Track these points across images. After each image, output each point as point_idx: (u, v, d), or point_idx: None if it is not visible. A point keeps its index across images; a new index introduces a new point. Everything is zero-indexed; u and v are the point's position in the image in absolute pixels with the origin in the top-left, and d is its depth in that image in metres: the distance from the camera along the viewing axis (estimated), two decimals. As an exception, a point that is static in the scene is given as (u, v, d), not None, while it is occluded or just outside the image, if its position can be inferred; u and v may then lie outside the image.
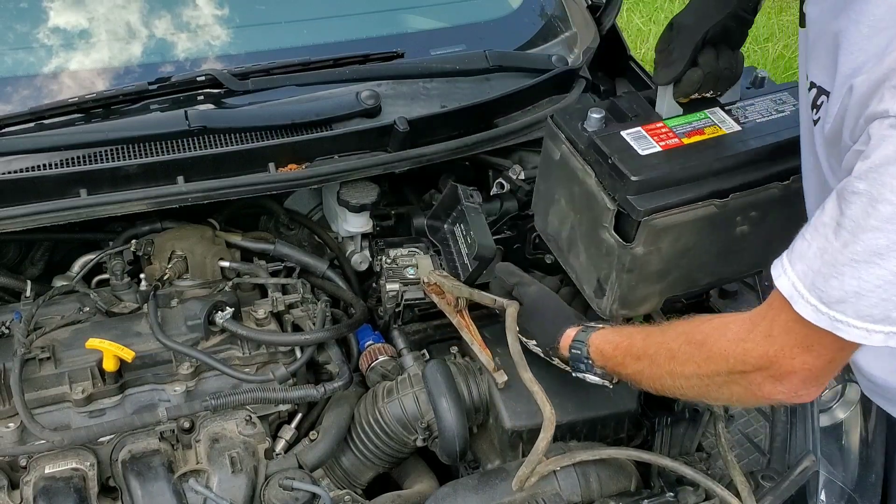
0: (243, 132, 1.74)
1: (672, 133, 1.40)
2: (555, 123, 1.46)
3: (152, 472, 1.53)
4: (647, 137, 1.38)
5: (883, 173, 0.97)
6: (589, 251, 1.43)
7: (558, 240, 1.53)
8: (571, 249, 1.48)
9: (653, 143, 1.37)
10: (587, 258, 1.44)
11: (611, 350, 1.36)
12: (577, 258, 1.48)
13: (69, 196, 1.62)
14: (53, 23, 1.91)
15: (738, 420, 1.70)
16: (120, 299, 1.77)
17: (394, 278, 1.80)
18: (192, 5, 2.01)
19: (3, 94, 1.79)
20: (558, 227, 1.51)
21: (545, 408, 1.45)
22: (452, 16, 2.20)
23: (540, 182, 1.55)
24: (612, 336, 1.37)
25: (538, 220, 1.61)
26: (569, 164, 1.41)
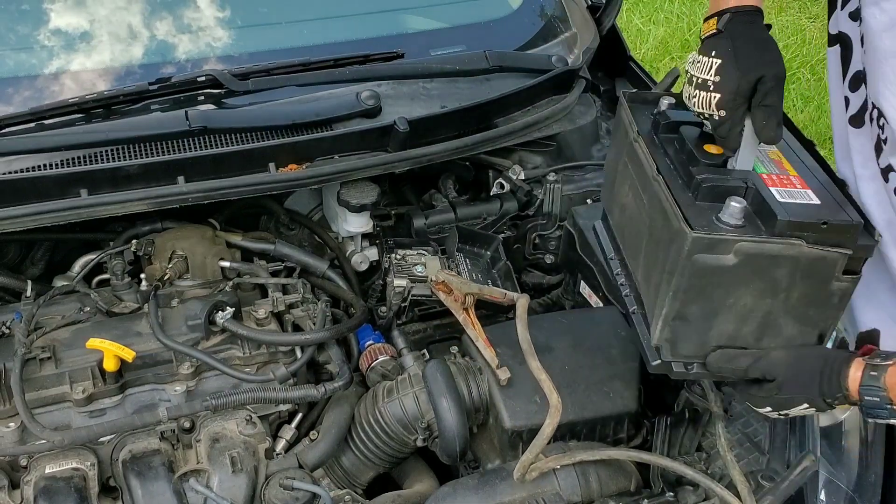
0: (243, 132, 1.74)
1: (781, 177, 1.33)
2: (708, 233, 1.24)
3: (153, 472, 1.53)
4: (787, 189, 1.31)
5: None
6: (804, 317, 1.33)
7: (736, 341, 1.35)
8: (765, 335, 1.35)
9: (800, 191, 1.30)
10: (800, 325, 1.34)
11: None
12: (776, 338, 1.35)
13: (69, 196, 1.62)
14: (54, 23, 1.91)
15: (738, 420, 1.70)
16: (120, 299, 1.77)
17: (402, 274, 1.81)
18: (193, 6, 2.02)
19: (4, 94, 1.79)
20: (735, 329, 1.34)
21: (552, 396, 1.46)
22: (452, 16, 2.20)
23: (687, 308, 1.31)
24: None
25: (688, 345, 1.35)
26: (762, 255, 1.25)
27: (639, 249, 1.41)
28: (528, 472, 1.47)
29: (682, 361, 1.36)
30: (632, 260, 1.47)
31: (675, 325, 1.32)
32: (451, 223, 2.04)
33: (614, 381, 1.66)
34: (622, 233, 1.52)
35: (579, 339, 1.73)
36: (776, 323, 1.31)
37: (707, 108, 1.30)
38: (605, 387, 1.65)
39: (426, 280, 1.82)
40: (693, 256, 1.23)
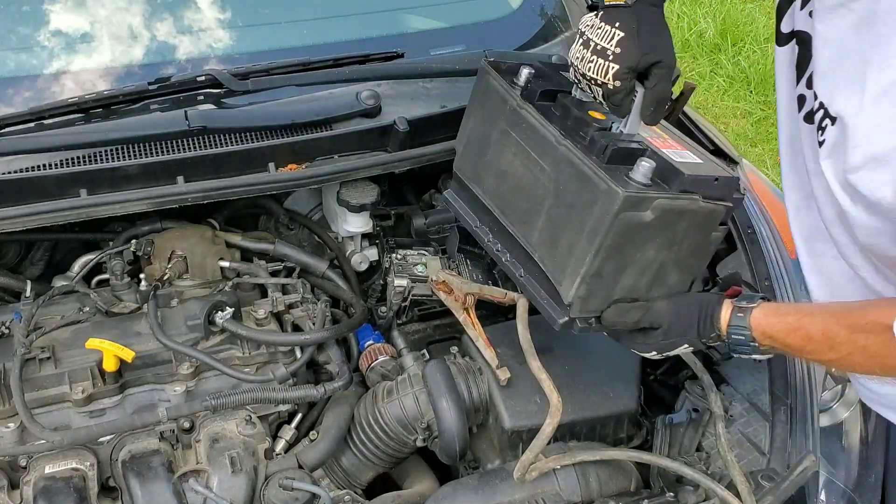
0: (243, 132, 1.74)
1: (662, 141, 1.45)
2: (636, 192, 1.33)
3: (152, 472, 1.53)
4: (675, 151, 1.43)
5: None
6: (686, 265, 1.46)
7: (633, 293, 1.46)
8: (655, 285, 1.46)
9: (681, 152, 1.42)
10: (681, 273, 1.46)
11: (783, 337, 1.31)
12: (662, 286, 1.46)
13: (69, 196, 1.62)
14: (54, 23, 1.91)
15: (738, 420, 1.70)
16: (120, 299, 1.77)
17: (402, 274, 1.81)
18: (193, 6, 2.01)
19: (4, 94, 1.79)
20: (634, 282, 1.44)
21: (552, 395, 1.46)
22: (452, 16, 2.20)
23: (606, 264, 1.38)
24: (776, 321, 1.32)
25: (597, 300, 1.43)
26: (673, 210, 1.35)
27: (535, 214, 1.45)
28: (528, 472, 1.47)
29: (585, 317, 1.44)
30: (521, 226, 1.49)
31: (591, 281, 1.38)
32: (450, 223, 2.04)
33: (614, 381, 1.66)
34: (504, 200, 1.54)
35: (579, 340, 1.73)
36: (666, 273, 1.43)
37: (601, 76, 1.35)
38: (604, 387, 1.65)
39: (427, 280, 1.81)
40: (621, 215, 1.30)
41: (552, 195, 1.42)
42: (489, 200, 1.57)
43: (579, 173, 1.35)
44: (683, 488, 1.54)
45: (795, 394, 1.70)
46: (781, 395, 1.71)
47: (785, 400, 1.70)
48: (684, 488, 1.53)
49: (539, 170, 1.44)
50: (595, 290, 1.40)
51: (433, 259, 1.86)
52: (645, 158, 1.33)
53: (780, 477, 1.55)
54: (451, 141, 1.85)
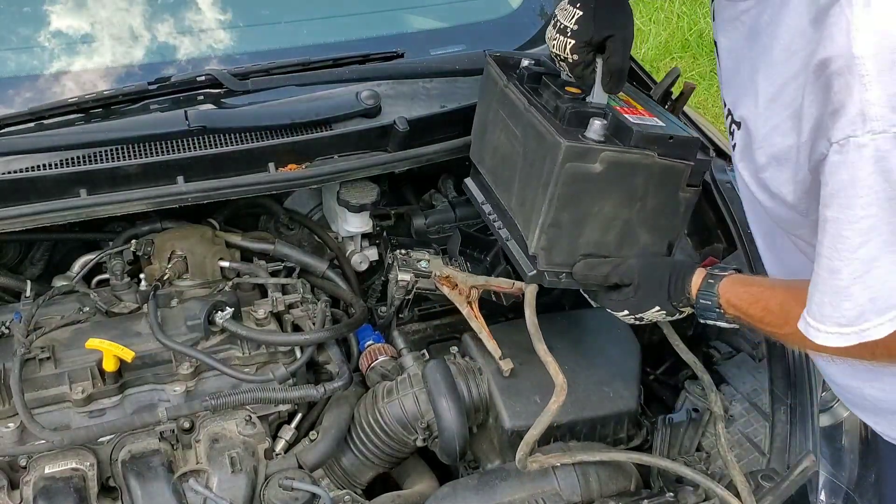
0: (243, 132, 1.74)
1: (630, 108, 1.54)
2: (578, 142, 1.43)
3: (152, 472, 1.53)
4: (637, 115, 1.51)
5: (845, 195, 1.04)
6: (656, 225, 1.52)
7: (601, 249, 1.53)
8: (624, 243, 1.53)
9: (645, 118, 1.51)
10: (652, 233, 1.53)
11: (745, 307, 1.35)
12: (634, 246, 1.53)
13: (69, 196, 1.62)
14: (54, 24, 1.91)
15: (737, 420, 1.70)
16: (120, 299, 1.77)
17: (406, 268, 1.80)
18: (193, 5, 2.01)
19: (4, 94, 1.79)
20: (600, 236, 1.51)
21: (557, 377, 1.46)
22: (452, 16, 2.20)
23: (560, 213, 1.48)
24: (741, 291, 1.36)
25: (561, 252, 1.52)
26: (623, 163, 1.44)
27: (513, 179, 1.58)
28: (530, 463, 1.47)
29: (555, 271, 1.52)
30: (505, 193, 1.63)
31: (550, 231, 1.48)
32: (451, 223, 2.04)
33: (614, 381, 1.66)
34: (495, 173, 1.68)
35: (579, 339, 1.73)
36: (634, 231, 1.49)
37: (562, 52, 1.49)
38: (605, 387, 1.64)
39: (430, 275, 1.81)
40: (566, 165, 1.41)
41: (521, 158, 1.54)
42: (488, 176, 1.71)
43: (538, 133, 1.48)
44: (683, 488, 1.53)
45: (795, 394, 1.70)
46: (781, 395, 1.70)
47: (785, 400, 1.70)
48: (684, 488, 1.53)
49: (514, 138, 1.57)
50: (556, 241, 1.49)
51: (435, 258, 1.86)
52: (598, 118, 1.44)
53: (780, 477, 1.55)
54: (451, 141, 1.86)
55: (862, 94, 0.99)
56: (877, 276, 1.07)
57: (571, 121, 1.46)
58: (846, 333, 1.12)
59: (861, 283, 1.09)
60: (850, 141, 1.02)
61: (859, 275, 1.08)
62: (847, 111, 1.01)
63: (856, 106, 1.00)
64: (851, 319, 1.12)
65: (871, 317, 1.10)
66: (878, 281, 1.08)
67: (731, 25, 1.30)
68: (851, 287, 1.10)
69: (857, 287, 1.09)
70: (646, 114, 1.53)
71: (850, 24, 1.00)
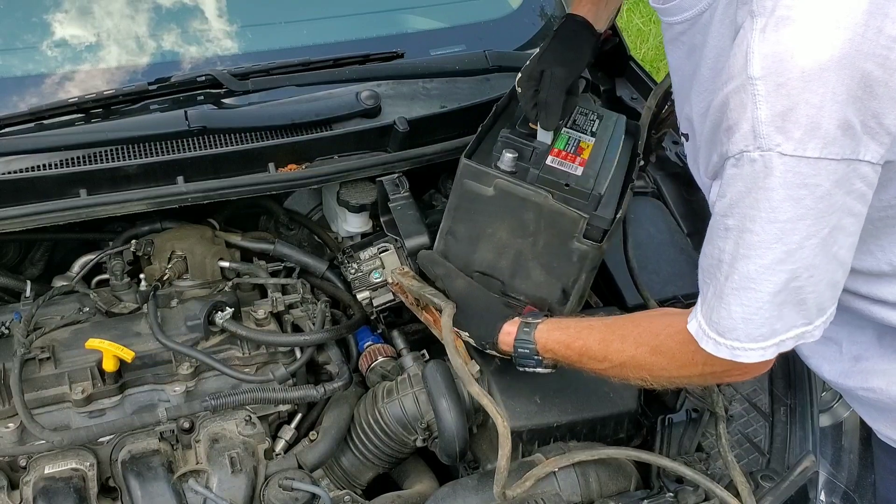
0: (243, 132, 1.74)
1: (569, 154, 1.57)
2: (476, 164, 1.54)
3: (152, 473, 1.53)
4: (565, 162, 1.55)
5: (741, 207, 1.09)
6: (549, 266, 1.55)
7: (495, 272, 1.58)
8: (518, 274, 1.57)
9: (572, 165, 1.54)
10: (546, 273, 1.55)
11: (563, 350, 1.40)
12: (527, 279, 1.57)
13: (69, 196, 1.62)
14: (54, 24, 1.91)
15: (737, 420, 1.70)
16: (120, 299, 1.77)
17: (361, 287, 1.76)
18: (193, 6, 2.01)
19: (4, 94, 1.79)
20: (494, 259, 1.57)
21: (497, 420, 1.41)
22: (452, 16, 2.20)
23: (457, 225, 1.57)
24: (559, 335, 1.41)
25: (457, 261, 1.59)
26: (513, 196, 1.51)
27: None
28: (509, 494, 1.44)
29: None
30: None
31: (448, 239, 1.58)
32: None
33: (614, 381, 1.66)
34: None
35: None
36: (526, 264, 1.54)
37: (516, 82, 1.60)
38: (605, 387, 1.64)
39: (386, 285, 1.75)
40: (463, 180, 1.52)
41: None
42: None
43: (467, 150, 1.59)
44: (683, 488, 1.53)
45: (795, 394, 1.71)
46: (781, 395, 1.71)
47: (785, 400, 1.70)
48: (684, 488, 1.53)
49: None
50: (453, 249, 1.58)
51: (391, 255, 1.79)
52: (511, 150, 1.52)
53: (780, 477, 1.55)
54: (451, 141, 1.86)
55: (753, 113, 1.05)
56: (753, 297, 1.12)
57: (498, 148, 1.54)
58: (721, 344, 1.17)
59: (736, 298, 1.13)
60: (743, 156, 1.08)
61: (737, 288, 1.13)
62: (741, 127, 1.07)
63: (748, 123, 1.06)
64: (724, 331, 1.17)
65: (742, 338, 1.15)
66: (752, 302, 1.12)
67: (674, 46, 1.36)
68: (729, 297, 1.14)
69: (734, 299, 1.14)
70: (580, 161, 1.55)
71: (748, 47, 1.07)
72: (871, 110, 1.04)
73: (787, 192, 1.06)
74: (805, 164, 1.04)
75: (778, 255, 1.09)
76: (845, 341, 1.44)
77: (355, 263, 1.78)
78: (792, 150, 1.04)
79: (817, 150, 1.04)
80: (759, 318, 1.13)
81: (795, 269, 1.09)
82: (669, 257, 1.88)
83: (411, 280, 1.65)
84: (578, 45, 1.61)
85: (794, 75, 1.03)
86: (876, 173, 1.09)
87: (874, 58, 1.03)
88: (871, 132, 1.05)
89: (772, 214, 1.07)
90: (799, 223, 1.07)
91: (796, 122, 1.04)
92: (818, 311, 1.14)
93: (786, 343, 1.15)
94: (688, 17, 1.28)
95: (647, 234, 1.94)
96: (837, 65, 1.03)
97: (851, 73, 1.03)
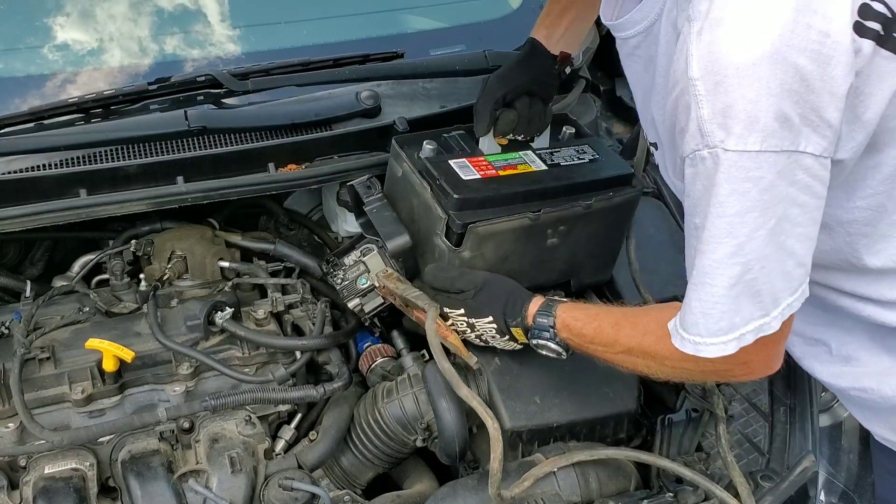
0: (243, 132, 1.74)
1: (490, 166, 1.64)
2: (398, 145, 1.68)
3: (152, 473, 1.53)
4: (469, 167, 1.63)
5: (701, 204, 1.13)
6: (425, 256, 1.64)
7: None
8: (419, 252, 1.66)
9: (474, 172, 1.62)
10: (423, 263, 1.65)
11: (579, 327, 1.42)
12: (424, 261, 1.66)
13: (69, 196, 1.62)
14: (54, 24, 1.91)
15: (737, 420, 1.70)
16: (120, 299, 1.77)
17: (350, 296, 1.73)
18: (193, 6, 2.01)
19: (4, 94, 1.79)
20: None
21: (488, 422, 1.43)
22: (452, 16, 2.20)
23: (387, 194, 1.72)
24: (579, 313, 1.43)
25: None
26: (409, 181, 1.64)
27: None
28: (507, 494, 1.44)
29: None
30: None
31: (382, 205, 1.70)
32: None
33: (614, 381, 1.66)
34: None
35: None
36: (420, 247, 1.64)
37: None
38: (605, 387, 1.64)
39: (374, 289, 1.72)
40: (390, 159, 1.70)
41: None
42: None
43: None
44: (683, 488, 1.54)
45: (795, 394, 1.71)
46: (781, 395, 1.71)
47: (784, 400, 1.70)
48: (684, 488, 1.53)
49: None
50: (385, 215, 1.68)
51: (374, 256, 1.75)
52: (431, 142, 1.66)
53: (779, 477, 1.55)
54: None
55: (697, 112, 1.09)
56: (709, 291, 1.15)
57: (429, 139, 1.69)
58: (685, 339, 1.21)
59: (695, 293, 1.17)
60: (696, 155, 1.11)
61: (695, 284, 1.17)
62: (689, 128, 1.11)
63: (694, 123, 1.10)
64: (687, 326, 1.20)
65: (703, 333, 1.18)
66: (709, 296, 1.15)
67: (631, 60, 1.40)
68: (690, 292, 1.18)
69: (693, 294, 1.17)
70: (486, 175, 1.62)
71: (687, 51, 1.10)
72: (809, 103, 1.07)
73: (732, 186, 1.09)
74: (747, 158, 1.08)
75: (729, 249, 1.12)
76: (833, 342, 1.45)
77: (340, 271, 1.76)
78: (734, 146, 1.07)
79: (758, 144, 1.07)
80: (717, 312, 1.16)
81: (747, 261, 1.12)
82: (669, 257, 1.87)
83: (395, 282, 1.65)
84: (525, 63, 1.70)
85: (729, 72, 1.07)
86: (823, 166, 1.12)
87: (805, 52, 1.06)
88: (812, 125, 1.08)
89: (720, 209, 1.11)
90: (746, 216, 1.10)
91: (735, 118, 1.07)
92: (773, 302, 1.16)
93: (745, 337, 1.17)
94: (640, 29, 1.33)
95: (647, 234, 1.94)
96: (770, 59, 1.06)
97: (784, 68, 1.06)
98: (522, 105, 1.70)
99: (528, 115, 1.70)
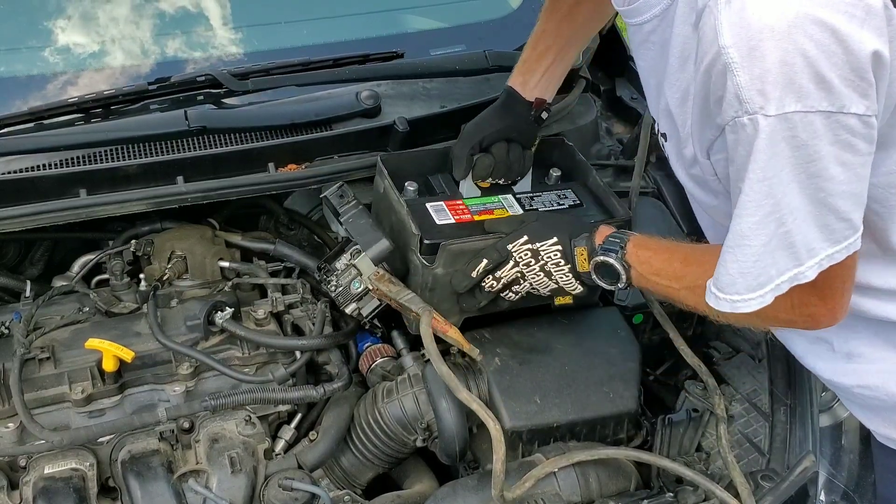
0: (243, 132, 1.74)
1: (467, 210, 1.67)
2: (383, 164, 1.71)
3: (152, 473, 1.53)
4: (445, 211, 1.66)
5: (743, 169, 1.13)
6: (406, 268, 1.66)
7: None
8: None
9: (449, 216, 1.65)
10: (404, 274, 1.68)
11: (648, 256, 1.42)
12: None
13: (69, 196, 1.62)
14: (54, 24, 1.91)
15: (737, 420, 1.70)
16: (119, 299, 1.77)
17: (346, 302, 1.71)
18: (193, 6, 2.02)
19: (4, 94, 1.79)
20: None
21: (489, 424, 1.44)
22: (452, 16, 2.20)
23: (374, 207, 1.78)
24: (651, 242, 1.45)
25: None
26: (388, 197, 1.69)
27: None
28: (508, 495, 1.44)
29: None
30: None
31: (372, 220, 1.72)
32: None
33: (614, 382, 1.66)
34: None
35: (579, 339, 1.73)
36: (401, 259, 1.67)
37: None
38: (604, 387, 1.64)
39: (368, 291, 1.71)
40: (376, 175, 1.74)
41: None
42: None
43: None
44: (683, 488, 1.54)
45: (795, 394, 1.71)
46: (781, 395, 1.71)
47: (785, 400, 1.70)
48: (684, 488, 1.53)
49: None
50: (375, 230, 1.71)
51: (364, 259, 1.71)
52: (411, 183, 1.70)
53: (779, 477, 1.55)
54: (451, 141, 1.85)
55: (733, 80, 1.09)
56: (747, 252, 1.17)
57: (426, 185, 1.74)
58: (721, 299, 1.22)
59: (731, 255, 1.19)
60: (736, 122, 1.11)
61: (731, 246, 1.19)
62: (727, 96, 1.11)
63: (731, 90, 1.10)
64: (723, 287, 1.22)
65: (742, 290, 1.19)
66: (747, 256, 1.17)
67: (643, 48, 1.38)
68: (725, 255, 1.20)
69: (729, 257, 1.19)
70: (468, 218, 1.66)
71: (716, 21, 1.10)
72: (848, 64, 1.06)
73: (772, 150, 1.10)
74: (787, 121, 1.08)
75: (767, 209, 1.13)
76: (835, 339, 1.44)
77: (333, 277, 1.73)
78: (774, 110, 1.07)
79: (796, 105, 1.07)
80: (756, 270, 1.17)
81: (781, 215, 1.13)
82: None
83: (388, 284, 1.64)
84: (501, 110, 1.73)
85: (763, 36, 1.06)
86: (866, 125, 1.11)
87: (840, 12, 1.05)
88: (852, 84, 1.07)
89: (760, 173, 1.11)
90: (781, 173, 1.11)
91: (773, 83, 1.06)
92: (808, 252, 1.16)
93: (781, 287, 1.18)
94: (657, 13, 1.30)
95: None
96: (804, 20, 1.05)
97: (819, 28, 1.05)
98: (499, 150, 1.71)
99: (507, 160, 1.72)
